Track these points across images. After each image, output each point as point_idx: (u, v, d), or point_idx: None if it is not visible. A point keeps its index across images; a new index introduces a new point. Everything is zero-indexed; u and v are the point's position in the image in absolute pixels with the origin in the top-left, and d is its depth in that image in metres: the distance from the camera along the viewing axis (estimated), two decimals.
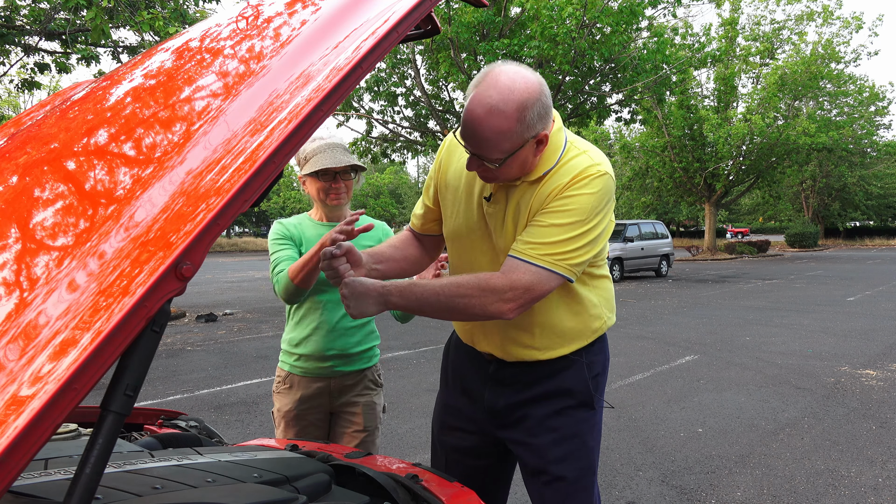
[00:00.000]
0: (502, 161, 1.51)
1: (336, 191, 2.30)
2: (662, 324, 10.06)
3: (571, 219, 1.52)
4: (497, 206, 1.65)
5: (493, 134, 1.46)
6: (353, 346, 2.34)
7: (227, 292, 16.19)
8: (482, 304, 1.50)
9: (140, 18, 8.49)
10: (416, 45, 17.00)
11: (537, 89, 1.48)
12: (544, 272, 1.51)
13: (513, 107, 1.45)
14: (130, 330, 0.67)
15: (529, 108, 1.46)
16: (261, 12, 1.25)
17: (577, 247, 1.53)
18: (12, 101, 26.66)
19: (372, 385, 2.40)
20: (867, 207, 47.09)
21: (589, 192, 1.53)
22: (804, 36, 29.80)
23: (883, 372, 6.54)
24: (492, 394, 1.80)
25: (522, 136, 1.49)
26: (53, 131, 1.11)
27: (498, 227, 1.66)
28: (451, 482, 1.41)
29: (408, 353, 7.80)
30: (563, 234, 1.52)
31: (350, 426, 2.36)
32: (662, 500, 3.55)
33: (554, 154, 1.59)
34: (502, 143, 1.48)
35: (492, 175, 1.57)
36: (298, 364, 2.33)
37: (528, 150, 1.53)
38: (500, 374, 1.79)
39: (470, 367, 1.88)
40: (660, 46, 16.93)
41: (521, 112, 1.46)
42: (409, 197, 60.35)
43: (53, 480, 1.06)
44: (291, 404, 2.33)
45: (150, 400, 5.80)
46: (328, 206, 2.34)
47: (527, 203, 1.60)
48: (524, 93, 1.46)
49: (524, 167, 1.57)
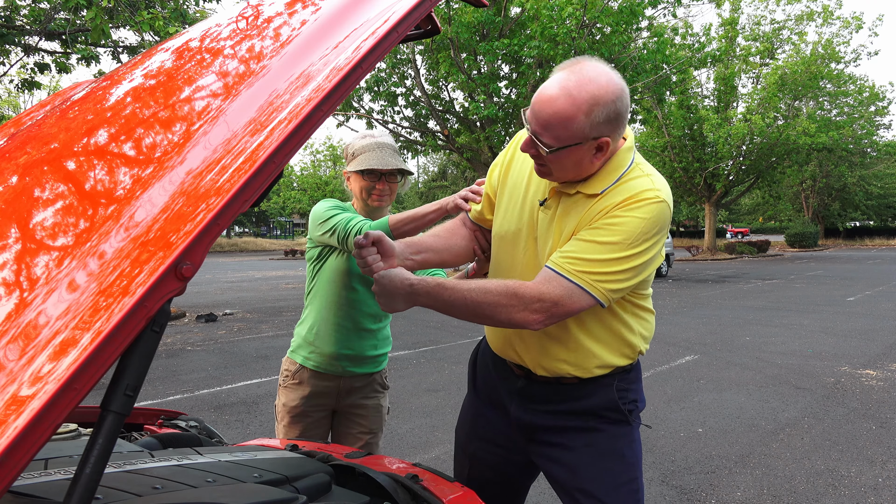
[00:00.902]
0: (555, 149, 1.45)
1: (379, 192, 2.24)
2: (662, 324, 10.06)
3: (616, 238, 1.45)
4: (549, 212, 1.60)
5: (556, 117, 1.42)
6: (368, 349, 2.31)
7: (227, 292, 16.19)
8: (508, 311, 1.46)
9: (140, 18, 8.49)
10: (416, 45, 17.00)
11: (616, 92, 1.43)
12: (576, 289, 1.45)
13: (585, 96, 1.40)
14: (130, 330, 0.67)
15: (601, 105, 1.41)
16: (261, 12, 1.25)
17: (616, 270, 1.46)
18: (12, 101, 26.66)
19: (380, 388, 2.39)
20: (867, 207, 47.12)
21: (640, 217, 1.46)
22: (804, 36, 29.82)
23: (883, 372, 6.54)
24: (518, 409, 1.74)
25: (584, 132, 1.43)
26: (53, 131, 1.11)
27: (544, 234, 1.61)
28: (451, 482, 1.41)
29: (408, 353, 7.80)
30: (604, 255, 1.45)
31: (356, 427, 2.35)
32: (662, 500, 3.55)
33: (616, 171, 1.53)
34: (561, 130, 1.43)
35: (544, 166, 1.52)
36: (312, 357, 2.29)
37: (585, 150, 1.47)
38: (528, 390, 1.72)
39: (497, 377, 1.81)
40: (660, 46, 16.94)
41: (591, 105, 1.41)
42: (409, 197, 60.37)
43: (53, 480, 1.06)
44: (298, 400, 2.30)
45: (150, 400, 5.80)
46: (369, 206, 2.28)
47: (577, 215, 1.54)
48: (602, 88, 1.41)
49: (578, 169, 1.51)
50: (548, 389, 1.70)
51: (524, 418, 1.73)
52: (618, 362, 1.67)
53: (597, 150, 1.48)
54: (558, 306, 1.45)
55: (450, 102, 18.93)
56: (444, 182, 55.77)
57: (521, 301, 1.45)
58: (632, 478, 1.67)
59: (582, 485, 1.65)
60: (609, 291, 1.47)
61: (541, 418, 1.71)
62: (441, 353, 7.78)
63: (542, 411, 1.71)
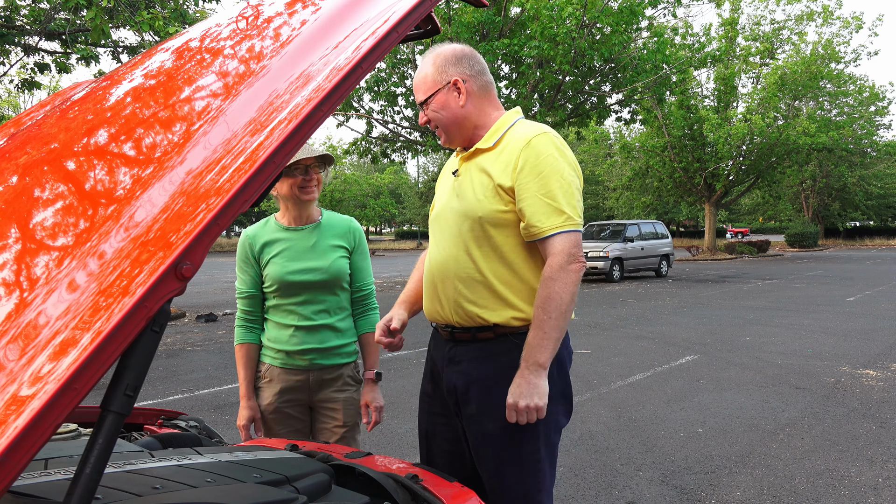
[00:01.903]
0: (424, 100, 1.86)
1: (308, 184, 2.31)
2: (662, 324, 10.06)
3: (549, 172, 1.77)
4: (460, 178, 1.88)
5: (417, 79, 1.88)
6: (329, 340, 2.36)
7: (227, 292, 16.19)
8: (568, 292, 1.68)
9: (140, 18, 8.49)
10: (416, 45, 16.99)
11: (456, 49, 1.87)
12: (563, 234, 1.73)
13: (429, 58, 1.87)
14: (130, 330, 0.67)
15: (441, 56, 1.85)
16: (261, 12, 1.25)
17: (574, 191, 1.81)
18: (12, 101, 26.66)
19: (351, 381, 2.42)
20: (867, 207, 47.07)
21: (549, 149, 1.78)
22: (804, 36, 29.80)
23: (883, 372, 6.54)
24: (448, 374, 1.87)
25: (436, 79, 1.84)
26: (53, 131, 1.12)
27: (461, 195, 1.85)
28: (451, 482, 1.41)
29: (408, 353, 7.80)
30: (557, 196, 1.75)
31: (330, 421, 2.38)
32: (662, 500, 3.55)
33: (503, 127, 1.86)
34: (422, 85, 1.86)
35: (437, 129, 1.89)
36: (278, 357, 2.36)
37: (446, 93, 1.83)
38: (453, 352, 1.87)
39: (436, 350, 1.97)
40: (660, 46, 16.93)
41: (434, 59, 1.85)
42: (409, 197, 60.34)
43: (53, 480, 1.06)
44: (272, 397, 2.36)
45: (150, 400, 5.80)
46: (301, 202, 2.34)
47: (482, 168, 1.83)
48: (442, 49, 1.87)
49: (453, 114, 1.84)
50: (466, 348, 1.90)
51: (452, 383, 1.91)
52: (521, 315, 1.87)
53: (455, 90, 1.84)
54: (576, 254, 1.71)
55: None
56: None
57: (563, 277, 1.68)
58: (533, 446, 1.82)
59: (480, 441, 1.87)
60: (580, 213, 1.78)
61: (462, 380, 1.90)
62: None
63: (462, 374, 1.89)
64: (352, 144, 19.62)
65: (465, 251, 1.80)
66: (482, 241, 1.78)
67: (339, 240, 2.40)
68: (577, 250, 1.70)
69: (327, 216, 2.45)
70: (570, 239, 1.70)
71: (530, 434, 1.75)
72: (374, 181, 31.74)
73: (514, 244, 1.77)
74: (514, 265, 1.78)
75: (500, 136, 1.83)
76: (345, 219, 2.48)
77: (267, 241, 2.37)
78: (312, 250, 2.34)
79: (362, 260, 2.47)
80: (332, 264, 2.34)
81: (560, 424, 1.83)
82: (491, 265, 1.78)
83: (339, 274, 2.35)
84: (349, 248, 2.42)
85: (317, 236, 2.37)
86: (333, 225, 2.43)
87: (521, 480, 1.76)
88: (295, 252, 2.34)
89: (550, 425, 1.78)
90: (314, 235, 2.37)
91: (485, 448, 1.79)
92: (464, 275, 1.80)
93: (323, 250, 2.35)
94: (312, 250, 2.34)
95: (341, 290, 2.39)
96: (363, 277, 2.46)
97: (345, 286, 2.40)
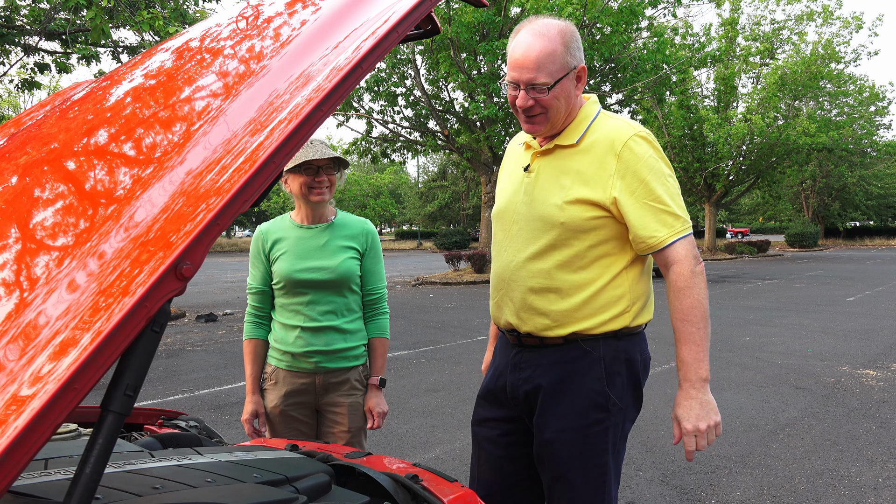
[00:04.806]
0: (553, 84, 1.60)
1: (319, 185, 2.29)
2: (662, 324, 10.03)
3: (654, 178, 1.67)
4: (531, 175, 1.75)
5: (543, 53, 1.59)
6: (336, 342, 2.34)
7: (227, 292, 16.19)
8: (700, 295, 1.63)
9: (140, 18, 8.49)
10: (416, 45, 17.00)
11: (571, 26, 1.65)
12: (681, 240, 1.67)
13: (554, 32, 1.61)
14: (130, 330, 0.67)
15: (567, 34, 1.62)
16: (261, 12, 1.25)
17: (676, 193, 1.73)
18: (12, 101, 26.65)
19: (358, 385, 2.39)
20: (867, 207, 47.08)
21: (649, 152, 1.69)
22: (804, 36, 29.79)
23: (883, 372, 6.54)
24: (513, 379, 1.79)
25: (567, 61, 1.62)
26: (53, 131, 1.12)
27: (531, 195, 1.74)
28: (451, 482, 1.41)
29: (408, 353, 7.80)
30: (664, 200, 1.67)
31: (335, 426, 2.36)
32: (662, 500, 3.55)
33: (585, 121, 1.71)
34: (551, 64, 1.60)
35: (538, 115, 1.66)
36: (284, 359, 2.35)
37: (570, 80, 1.64)
38: (518, 357, 1.78)
39: (502, 353, 1.89)
40: (660, 46, 16.94)
41: (562, 36, 1.61)
42: (409, 197, 60.29)
43: (53, 480, 1.06)
44: (277, 400, 2.34)
45: (150, 400, 5.80)
46: (311, 202, 2.32)
47: (560, 167, 1.70)
48: (561, 24, 1.63)
49: (568, 103, 1.67)
50: (533, 354, 1.82)
51: (518, 390, 1.84)
52: (598, 324, 1.80)
53: (577, 79, 1.67)
54: (697, 255, 1.67)
55: (450, 102, 18.93)
56: (444, 182, 55.71)
57: (696, 282, 1.63)
58: (604, 469, 1.76)
59: (553, 464, 1.79)
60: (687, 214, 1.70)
61: (528, 388, 1.83)
62: (441, 353, 7.78)
63: (527, 380, 1.81)
64: (352, 144, 19.62)
65: (538, 257, 1.70)
66: (559, 248, 1.68)
67: (351, 241, 2.37)
68: (696, 251, 1.66)
69: (341, 217, 2.43)
70: (690, 241, 1.65)
71: (600, 444, 1.69)
72: (374, 181, 31.76)
73: (593, 252, 1.68)
74: (590, 273, 1.69)
75: (582, 132, 1.69)
76: (360, 220, 2.46)
77: (278, 238, 2.36)
78: (322, 249, 2.33)
79: (374, 263, 2.43)
80: (341, 264, 2.31)
81: (626, 431, 1.77)
82: (565, 273, 1.68)
83: (347, 275, 2.32)
84: (361, 249, 2.39)
85: (328, 236, 2.36)
86: (347, 225, 2.41)
87: (586, 488, 1.69)
88: (304, 250, 2.33)
89: (618, 434, 1.72)
90: (325, 235, 2.36)
91: (549, 455, 1.72)
92: (535, 284, 1.71)
93: (332, 250, 2.33)
94: (322, 249, 2.33)
95: (350, 291, 2.36)
96: (374, 281, 2.42)
97: (354, 288, 2.37)
